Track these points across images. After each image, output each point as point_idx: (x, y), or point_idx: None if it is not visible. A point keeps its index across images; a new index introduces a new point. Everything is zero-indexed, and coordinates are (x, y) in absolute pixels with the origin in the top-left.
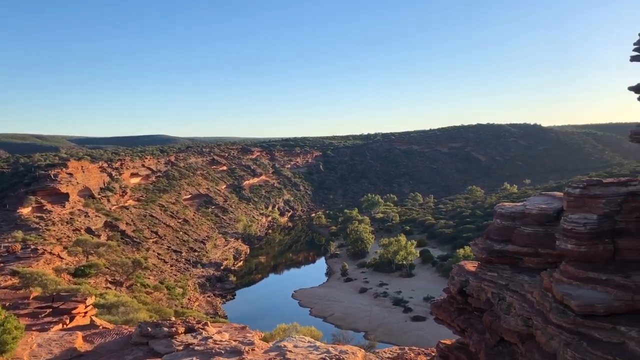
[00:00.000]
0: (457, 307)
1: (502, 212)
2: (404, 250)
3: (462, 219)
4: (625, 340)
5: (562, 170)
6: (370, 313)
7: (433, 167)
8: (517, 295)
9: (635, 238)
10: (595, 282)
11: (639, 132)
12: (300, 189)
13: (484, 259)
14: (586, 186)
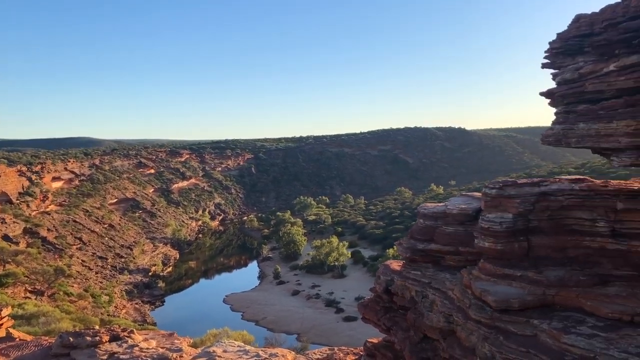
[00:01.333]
0: (383, 306)
1: (425, 212)
2: (336, 251)
3: (391, 220)
4: (538, 333)
5: (485, 171)
6: (303, 315)
7: (363, 169)
8: (439, 292)
9: (547, 235)
10: (510, 279)
11: (549, 135)
12: (232, 192)
13: (408, 258)
14: (502, 187)
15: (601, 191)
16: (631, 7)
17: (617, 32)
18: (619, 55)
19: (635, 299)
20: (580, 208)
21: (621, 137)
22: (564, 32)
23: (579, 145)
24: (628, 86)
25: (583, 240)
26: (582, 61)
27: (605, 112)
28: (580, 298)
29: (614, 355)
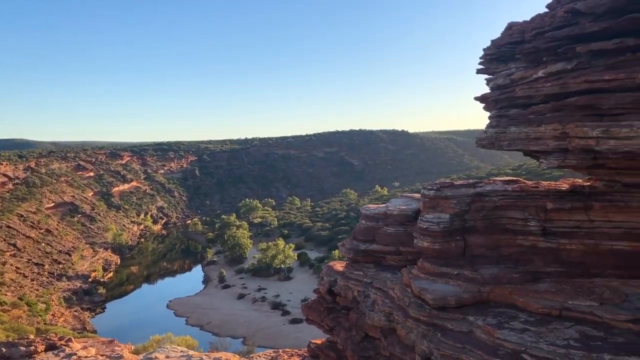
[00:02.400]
0: (327, 307)
1: (367, 213)
2: (282, 254)
3: (337, 221)
4: (473, 329)
5: (427, 173)
6: (249, 318)
7: (310, 171)
8: (380, 292)
9: (482, 235)
10: (448, 277)
11: (484, 138)
12: (175, 195)
13: (351, 259)
14: (439, 188)
15: (532, 192)
16: (557, 17)
17: (544, 41)
18: (546, 63)
19: (563, 294)
20: (513, 208)
21: (549, 140)
22: (498, 39)
23: (511, 148)
24: (554, 92)
25: (516, 239)
26: (513, 67)
27: (534, 116)
28: (513, 294)
29: (542, 348)
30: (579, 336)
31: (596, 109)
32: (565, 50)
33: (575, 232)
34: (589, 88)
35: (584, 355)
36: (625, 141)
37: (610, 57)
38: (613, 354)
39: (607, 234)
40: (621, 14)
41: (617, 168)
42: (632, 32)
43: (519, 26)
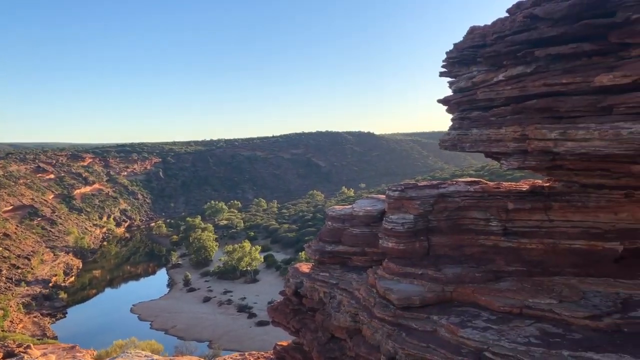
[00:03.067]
0: (293, 309)
1: (333, 214)
2: (248, 256)
3: (304, 223)
4: (437, 328)
5: (393, 174)
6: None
7: (276, 173)
8: (346, 292)
9: (445, 235)
10: (412, 277)
11: (446, 140)
12: (139, 198)
13: (317, 260)
14: (403, 189)
15: (494, 192)
16: (517, 22)
17: (504, 45)
18: (507, 66)
19: (524, 293)
20: (475, 208)
21: (509, 142)
22: (460, 42)
23: (473, 150)
24: (514, 95)
25: (478, 239)
26: (475, 70)
27: (495, 118)
28: (476, 293)
29: (504, 345)
30: (539, 333)
31: (554, 111)
32: (524, 54)
33: (535, 232)
34: (547, 91)
35: (544, 352)
36: (582, 143)
37: (568, 61)
38: (571, 350)
39: (566, 233)
40: (577, 19)
41: (575, 169)
42: (587, 37)
43: (480, 30)
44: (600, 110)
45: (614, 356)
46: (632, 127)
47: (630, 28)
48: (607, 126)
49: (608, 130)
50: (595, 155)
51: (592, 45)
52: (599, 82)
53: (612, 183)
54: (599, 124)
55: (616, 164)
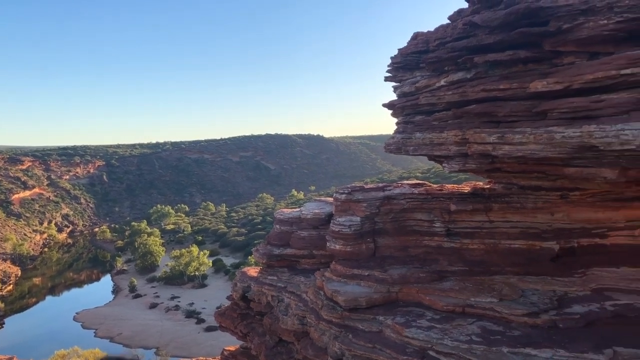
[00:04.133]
0: (240, 313)
1: (281, 218)
2: (196, 261)
3: (253, 226)
4: (383, 329)
5: (342, 176)
6: (162, 328)
7: (224, 176)
8: (294, 295)
9: (391, 236)
10: (359, 278)
11: (391, 143)
12: (82, 202)
13: (265, 264)
14: (350, 192)
15: (437, 194)
16: (457, 28)
17: (446, 51)
18: (448, 72)
19: (466, 292)
20: (420, 210)
21: (451, 146)
22: (404, 47)
23: (417, 153)
24: (455, 100)
25: (423, 240)
26: (419, 76)
27: (438, 123)
28: (420, 293)
29: (447, 344)
30: (481, 331)
31: (493, 116)
32: (464, 60)
33: (476, 232)
34: (486, 96)
35: (485, 349)
36: (518, 146)
37: (505, 68)
38: (511, 347)
39: (506, 234)
40: (513, 28)
41: (513, 172)
42: (523, 44)
43: (423, 36)
44: (535, 115)
45: (549, 351)
46: (565, 132)
47: (562, 37)
48: (542, 130)
49: (542, 134)
50: (531, 158)
51: (527, 53)
52: (534, 88)
53: (548, 185)
54: (534, 128)
55: (551, 166)
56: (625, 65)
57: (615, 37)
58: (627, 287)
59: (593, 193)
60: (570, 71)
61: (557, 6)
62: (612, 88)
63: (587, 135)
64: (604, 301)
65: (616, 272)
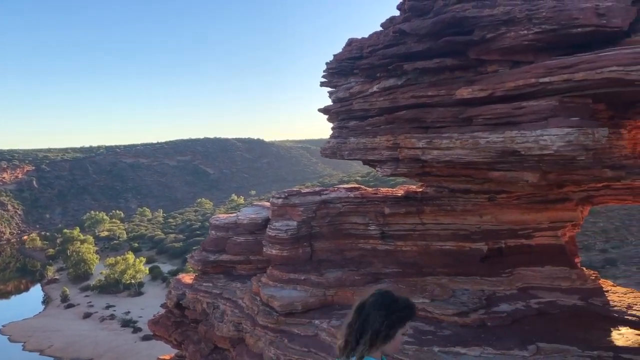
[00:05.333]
0: (175, 321)
1: (217, 223)
2: (132, 268)
3: (192, 232)
4: (318, 332)
5: (283, 181)
6: (96, 339)
7: (161, 181)
8: (230, 302)
9: (327, 240)
10: (295, 283)
11: (327, 148)
12: (9, 209)
13: (200, 270)
14: (287, 196)
15: (372, 198)
16: (389, 36)
17: (377, 58)
18: (380, 78)
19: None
20: (355, 213)
21: (383, 150)
22: (339, 54)
23: (351, 158)
24: (386, 106)
25: (358, 243)
26: (353, 81)
27: (371, 128)
28: (355, 296)
29: None
30: (413, 331)
31: (422, 121)
32: (395, 67)
33: (409, 235)
34: (415, 103)
35: (417, 349)
36: (446, 151)
37: (433, 75)
38: (441, 346)
39: (437, 235)
40: (440, 36)
41: (442, 175)
42: (450, 52)
43: (358, 42)
44: (462, 121)
45: (478, 349)
46: (489, 137)
47: (486, 46)
48: (467, 136)
49: (468, 139)
50: (458, 163)
51: (454, 61)
52: (460, 95)
53: (476, 188)
54: (460, 133)
55: (477, 170)
56: (543, 74)
57: (535, 47)
58: (550, 285)
59: (519, 195)
60: (493, 79)
61: (480, 16)
62: (532, 95)
63: (510, 141)
64: (529, 299)
65: (540, 271)
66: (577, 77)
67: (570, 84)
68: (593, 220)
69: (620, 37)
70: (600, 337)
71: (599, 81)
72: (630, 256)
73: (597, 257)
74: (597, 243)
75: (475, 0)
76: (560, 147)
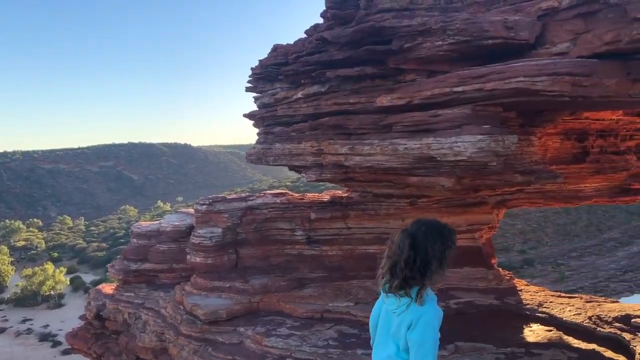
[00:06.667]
0: (94, 333)
1: (139, 231)
2: (51, 279)
3: (115, 240)
4: (243, 340)
5: (212, 186)
6: (11, 355)
7: (83, 187)
8: (152, 312)
9: (253, 246)
10: (220, 290)
11: (252, 153)
12: None
13: (122, 280)
14: (211, 203)
15: (298, 203)
16: (313, 43)
17: (301, 64)
18: (304, 85)
19: (325, 298)
20: (281, 219)
21: (308, 156)
22: (265, 59)
23: (277, 163)
24: (310, 112)
25: (284, 248)
26: (278, 87)
27: (296, 134)
28: (281, 302)
29: (305, 350)
30: (337, 335)
31: (345, 128)
32: (318, 74)
33: (335, 239)
34: (338, 110)
35: (341, 352)
36: (367, 157)
37: (355, 83)
38: (365, 348)
39: (362, 239)
40: (360, 45)
41: (365, 180)
42: (370, 61)
43: (283, 48)
44: (382, 128)
45: None
46: (407, 144)
47: (404, 55)
48: (387, 142)
49: (388, 146)
50: (379, 168)
51: (374, 69)
52: (380, 103)
53: (398, 192)
54: (380, 140)
55: (397, 175)
56: (457, 83)
57: (449, 57)
58: (468, 285)
59: (438, 199)
60: (411, 87)
61: (399, 26)
62: (447, 104)
63: (426, 147)
64: (448, 300)
65: (459, 272)
66: (488, 86)
67: (482, 93)
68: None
69: (527, 49)
70: (514, 334)
71: (507, 91)
72: (546, 256)
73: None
74: (516, 244)
75: (395, 11)
76: (472, 153)
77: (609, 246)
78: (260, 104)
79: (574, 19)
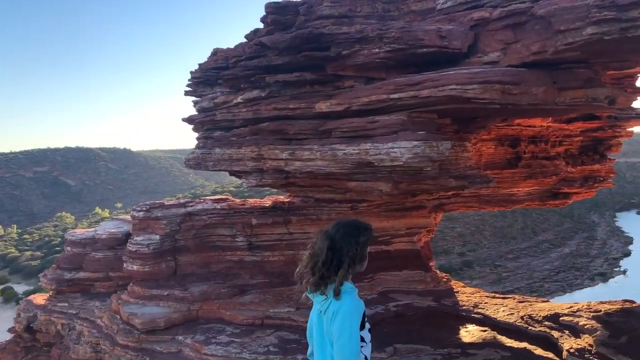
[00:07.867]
0: (24, 347)
1: (73, 239)
2: None
3: (51, 249)
4: (182, 348)
5: (153, 192)
6: None
7: (15, 194)
8: (87, 322)
9: (192, 253)
10: (158, 299)
11: (191, 158)
12: None
13: (55, 290)
14: (149, 209)
15: (239, 209)
16: (252, 47)
17: (241, 69)
18: (244, 89)
19: (266, 304)
20: (222, 225)
21: (248, 162)
22: (205, 63)
23: (216, 169)
24: (250, 117)
25: (225, 255)
26: (218, 92)
27: (236, 139)
28: (221, 309)
29: (246, 357)
30: (278, 341)
31: (285, 133)
32: (257, 79)
33: (277, 245)
34: (278, 115)
35: (281, 358)
36: (307, 162)
37: (295, 88)
38: (304, 353)
39: (304, 244)
40: (298, 51)
41: (306, 186)
42: (309, 67)
43: (223, 52)
44: (321, 133)
45: None
46: (346, 149)
47: (342, 62)
48: (327, 148)
49: (327, 151)
50: (319, 174)
51: (312, 75)
52: (319, 109)
53: (339, 197)
54: (320, 145)
55: (336, 180)
56: (393, 90)
57: (386, 65)
58: (407, 288)
59: (378, 204)
60: (350, 94)
61: (336, 33)
62: (384, 110)
63: (364, 153)
64: (388, 303)
65: (399, 275)
66: (422, 93)
67: (417, 100)
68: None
69: (460, 58)
70: (450, 335)
71: (441, 98)
72: (484, 258)
73: (456, 259)
74: (456, 247)
75: (334, 18)
76: (408, 158)
77: (543, 247)
78: (199, 108)
79: (504, 30)
